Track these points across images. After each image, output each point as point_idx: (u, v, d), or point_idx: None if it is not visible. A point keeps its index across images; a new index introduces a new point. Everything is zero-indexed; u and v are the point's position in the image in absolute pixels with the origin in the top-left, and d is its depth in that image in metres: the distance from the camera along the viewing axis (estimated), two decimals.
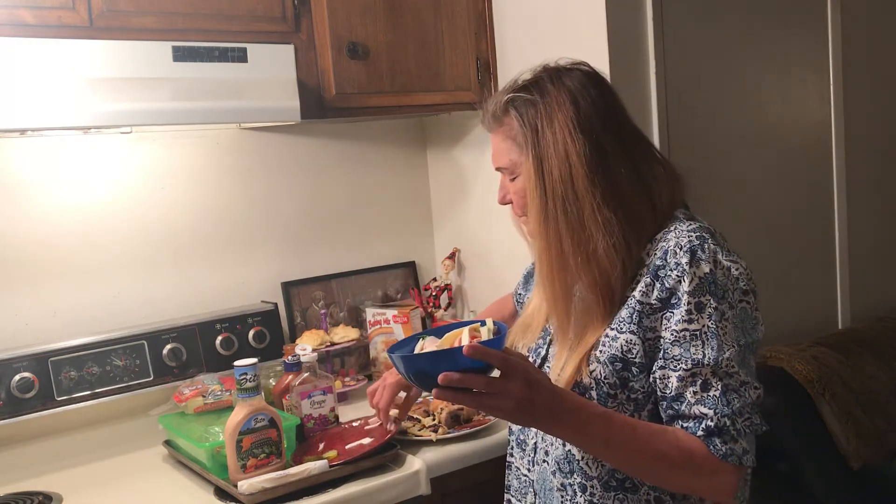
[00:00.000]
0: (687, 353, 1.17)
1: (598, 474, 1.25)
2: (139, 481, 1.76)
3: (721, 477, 1.17)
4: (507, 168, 1.34)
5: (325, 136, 2.41)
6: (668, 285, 1.19)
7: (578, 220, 1.23)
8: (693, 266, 1.18)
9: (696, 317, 1.17)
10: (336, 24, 2.00)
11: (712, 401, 1.16)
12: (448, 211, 2.58)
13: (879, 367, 2.35)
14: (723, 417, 1.15)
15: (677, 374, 1.18)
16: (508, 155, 1.32)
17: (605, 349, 1.23)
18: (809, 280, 2.57)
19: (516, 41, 2.22)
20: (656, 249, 1.23)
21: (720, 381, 1.16)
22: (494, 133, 1.35)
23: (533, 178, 1.26)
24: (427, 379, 1.07)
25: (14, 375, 1.84)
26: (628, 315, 1.22)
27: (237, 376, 1.59)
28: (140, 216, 2.12)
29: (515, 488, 1.42)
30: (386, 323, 2.31)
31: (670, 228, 1.25)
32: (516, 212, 1.38)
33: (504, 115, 1.32)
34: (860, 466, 2.16)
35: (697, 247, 1.20)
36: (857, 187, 2.63)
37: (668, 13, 2.09)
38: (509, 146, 1.32)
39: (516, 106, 1.30)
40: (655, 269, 1.21)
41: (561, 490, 1.29)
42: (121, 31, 1.72)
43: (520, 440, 1.40)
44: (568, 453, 1.28)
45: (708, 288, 1.18)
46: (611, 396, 1.23)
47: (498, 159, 1.35)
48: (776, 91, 2.45)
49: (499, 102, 1.32)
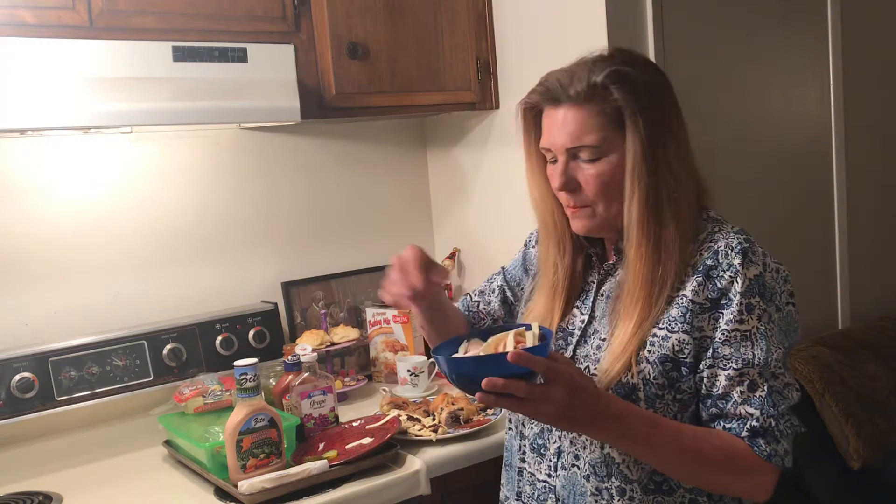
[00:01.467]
0: (737, 352, 1.18)
1: (639, 477, 1.24)
2: (139, 481, 1.76)
3: (762, 477, 1.18)
4: (595, 146, 1.22)
5: (325, 136, 2.41)
6: (720, 285, 1.20)
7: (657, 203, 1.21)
8: (745, 267, 1.19)
9: (746, 317, 1.18)
10: (336, 24, 2.00)
11: (759, 401, 1.17)
12: (448, 211, 2.58)
13: (879, 367, 2.35)
14: (768, 418, 1.16)
15: (726, 372, 1.18)
16: (601, 131, 1.21)
17: (655, 349, 1.21)
18: (809, 280, 2.56)
19: (516, 41, 2.22)
20: (703, 250, 1.23)
21: (766, 382, 1.18)
22: (581, 107, 1.22)
23: (639, 158, 1.20)
24: (470, 382, 1.09)
25: (14, 375, 1.84)
26: (680, 315, 1.21)
27: (237, 376, 1.59)
28: (140, 216, 2.12)
29: (529, 494, 1.37)
30: (386, 323, 2.32)
31: (715, 230, 1.26)
32: (582, 200, 1.27)
33: (602, 90, 1.21)
34: (860, 466, 2.16)
35: (748, 249, 1.21)
36: (857, 187, 2.63)
37: (668, 13, 2.09)
38: (602, 122, 1.21)
39: (622, 80, 1.21)
40: (707, 269, 1.21)
41: (595, 494, 1.26)
42: (121, 31, 1.72)
43: (536, 445, 1.36)
44: (606, 456, 1.25)
45: (758, 290, 1.19)
46: (658, 397, 1.22)
47: (579, 137, 1.22)
48: (776, 91, 2.45)
49: (594, 75, 1.21)
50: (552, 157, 1.28)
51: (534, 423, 1.36)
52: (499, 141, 2.33)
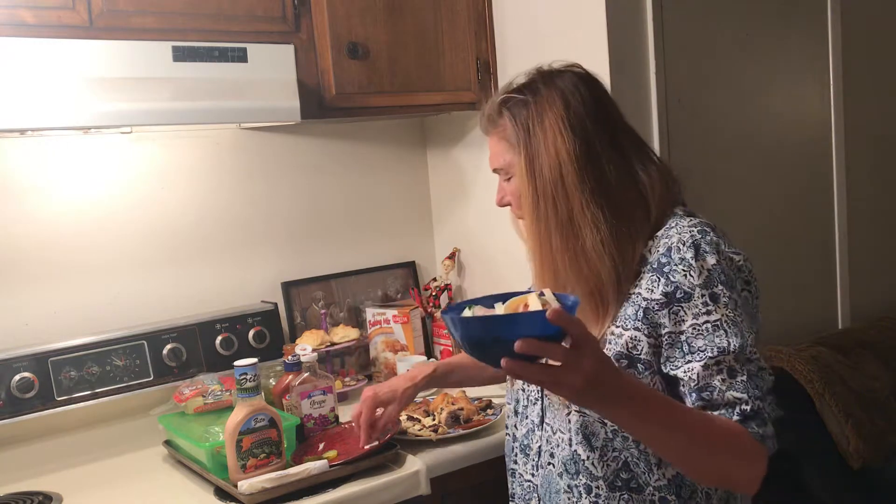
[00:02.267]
0: (711, 342, 1.18)
1: (604, 474, 1.25)
2: (139, 481, 1.76)
3: (759, 462, 1.17)
4: (503, 168, 1.37)
5: (325, 136, 2.41)
6: (673, 279, 1.21)
7: (568, 218, 1.25)
8: (699, 259, 1.20)
9: (713, 307, 1.19)
10: (336, 24, 2.00)
11: (742, 386, 1.18)
12: (448, 211, 2.58)
13: (879, 367, 2.35)
14: (756, 401, 1.17)
15: (700, 363, 1.18)
16: (504, 156, 1.35)
17: (611, 346, 1.24)
18: (809, 280, 2.56)
19: (516, 41, 2.22)
20: (658, 246, 1.25)
21: (744, 366, 1.18)
22: (490, 135, 1.38)
23: (525, 177, 1.29)
24: (499, 346, 0.95)
25: (14, 375, 1.84)
26: (633, 312, 1.23)
27: (237, 376, 1.59)
28: (140, 216, 2.12)
29: (519, 495, 1.40)
30: (386, 323, 2.32)
31: (671, 225, 1.27)
32: (514, 212, 1.40)
33: (499, 117, 1.34)
34: (860, 466, 2.16)
35: (700, 240, 1.22)
36: (857, 188, 2.63)
37: (668, 13, 2.09)
38: (504, 147, 1.35)
39: (509, 107, 1.33)
40: (660, 265, 1.22)
41: (568, 492, 1.29)
42: (121, 31, 1.72)
43: (524, 445, 1.39)
44: (574, 454, 1.27)
45: (718, 278, 1.20)
46: None
47: (494, 161, 1.38)
48: (776, 91, 2.45)
49: (493, 105, 1.36)
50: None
51: (522, 424, 1.38)
52: None
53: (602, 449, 1.26)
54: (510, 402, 1.44)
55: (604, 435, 1.25)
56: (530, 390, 1.38)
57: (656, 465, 1.24)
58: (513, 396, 1.43)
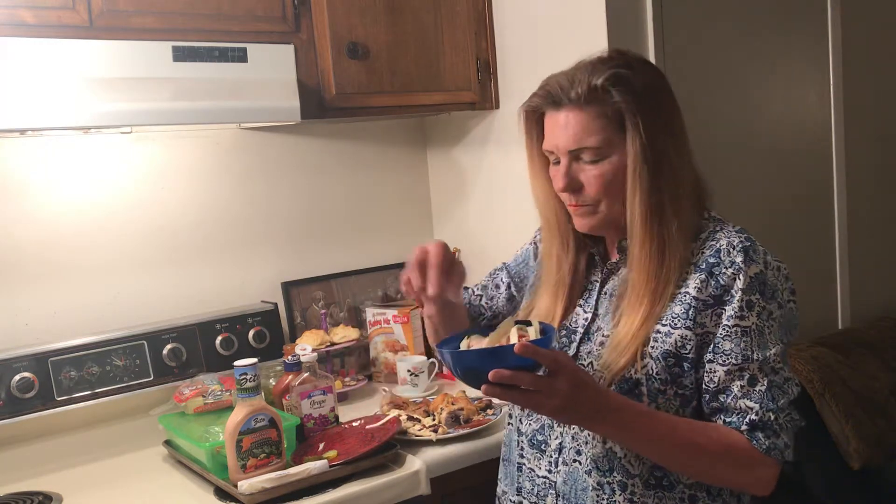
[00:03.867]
0: (737, 347, 1.20)
1: (640, 472, 1.25)
2: (139, 481, 1.76)
3: (762, 470, 1.20)
4: (596, 148, 1.24)
5: (325, 136, 2.41)
6: (722, 282, 1.21)
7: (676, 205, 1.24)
8: (747, 265, 1.21)
9: (746, 314, 1.20)
10: (336, 24, 2.00)
11: (758, 395, 1.19)
12: (448, 211, 2.58)
13: (879, 367, 2.35)
14: (767, 412, 1.19)
15: (725, 367, 1.20)
16: (603, 133, 1.23)
17: (658, 345, 1.23)
18: (809, 280, 2.56)
19: (516, 41, 2.22)
20: (704, 248, 1.25)
21: (766, 376, 1.20)
22: (581, 109, 1.24)
23: (639, 159, 1.22)
24: (477, 375, 1.10)
25: (14, 375, 1.84)
26: (683, 311, 1.23)
27: (237, 376, 1.59)
28: (140, 216, 2.12)
29: (528, 490, 1.38)
30: (386, 323, 2.31)
31: (716, 229, 1.28)
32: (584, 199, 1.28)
33: (602, 92, 1.23)
34: (860, 466, 2.16)
35: (750, 247, 1.23)
36: (857, 187, 2.63)
37: (668, 13, 2.09)
38: (603, 124, 1.23)
39: (622, 82, 1.22)
40: (710, 266, 1.23)
41: (597, 489, 1.27)
42: (121, 31, 1.72)
43: (536, 441, 1.37)
44: (608, 451, 1.27)
45: (758, 287, 1.21)
46: (660, 392, 1.23)
47: (582, 139, 1.24)
48: (776, 91, 2.45)
49: (594, 77, 1.23)
50: (555, 158, 1.30)
51: (532, 419, 1.38)
52: (499, 141, 2.33)
53: None
54: None
55: None
56: None
57: None
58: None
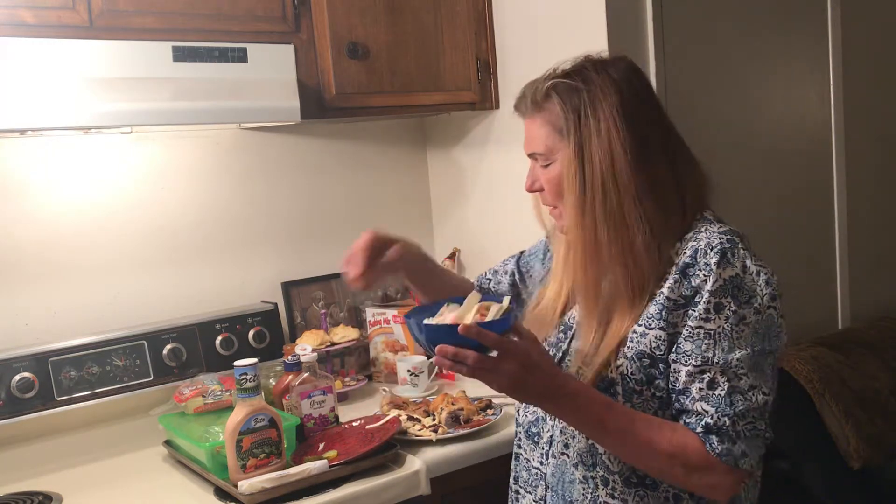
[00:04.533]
0: (698, 349, 1.19)
1: (619, 469, 1.26)
2: (139, 481, 1.76)
3: (715, 476, 1.18)
4: (543, 154, 1.31)
5: (325, 136, 2.41)
6: (694, 283, 1.21)
7: (618, 211, 1.23)
8: (721, 267, 1.19)
9: (713, 316, 1.19)
10: (336, 24, 2.00)
11: (716, 399, 1.18)
12: (448, 211, 2.58)
13: (879, 367, 2.35)
14: (723, 417, 1.17)
15: (686, 368, 1.20)
16: (545, 140, 1.29)
17: (633, 345, 1.24)
18: (809, 280, 2.56)
19: (516, 41, 2.22)
20: (685, 248, 1.24)
21: (728, 381, 1.18)
22: (531, 118, 1.32)
23: (573, 165, 1.25)
24: (429, 347, 1.15)
25: (14, 375, 1.83)
26: (657, 311, 1.22)
27: (237, 376, 1.59)
28: (140, 216, 2.12)
29: (524, 480, 1.40)
30: (386, 323, 2.31)
31: (700, 229, 1.26)
32: (546, 201, 1.35)
33: (545, 101, 1.29)
34: (860, 466, 2.16)
35: (728, 249, 1.21)
36: (857, 187, 2.63)
37: (668, 13, 2.09)
38: (548, 132, 1.29)
39: (559, 91, 1.27)
40: (684, 266, 1.22)
41: (583, 483, 1.28)
42: (121, 31, 1.72)
43: (531, 432, 1.39)
44: (591, 446, 1.27)
45: (731, 291, 1.19)
46: (636, 392, 1.23)
47: (533, 145, 1.32)
48: (776, 91, 2.45)
49: (540, 87, 1.29)
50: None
51: (528, 411, 1.40)
52: (499, 141, 2.33)
53: None
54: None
55: None
56: None
57: None
58: None
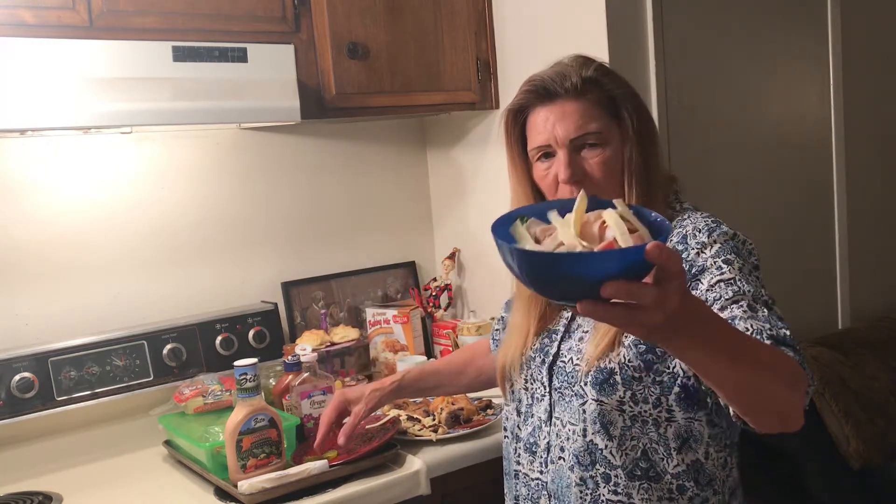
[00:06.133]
0: (726, 292, 1.15)
1: (623, 463, 1.25)
2: (139, 481, 1.76)
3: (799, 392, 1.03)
4: (598, 132, 1.28)
5: (325, 136, 2.41)
6: (688, 259, 1.22)
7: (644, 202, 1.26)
8: (711, 237, 1.22)
9: (725, 269, 1.18)
10: (336, 24, 2.00)
11: (764, 318, 1.12)
12: (448, 211, 2.58)
13: (879, 367, 2.35)
14: (780, 329, 1.10)
15: (719, 303, 1.14)
16: (602, 119, 1.28)
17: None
18: (809, 280, 2.56)
19: (516, 41, 2.22)
20: (672, 236, 1.26)
21: (763, 307, 1.14)
22: (578, 99, 1.28)
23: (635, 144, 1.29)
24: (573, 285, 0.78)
25: (14, 375, 1.84)
26: None
27: (237, 376, 1.59)
28: (140, 216, 2.12)
29: (525, 496, 1.38)
30: (386, 323, 2.32)
31: (684, 217, 1.29)
32: (591, 186, 1.26)
33: (595, 83, 1.29)
34: (860, 466, 2.16)
35: (715, 226, 1.25)
36: (857, 187, 2.63)
37: (668, 13, 2.09)
38: (601, 112, 1.29)
39: (610, 74, 1.32)
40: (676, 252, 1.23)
41: (580, 485, 1.27)
42: (121, 31, 1.72)
43: (529, 444, 1.37)
44: (589, 444, 1.27)
45: (731, 249, 1.21)
46: (636, 380, 1.23)
47: (585, 125, 1.27)
48: (776, 91, 2.45)
49: (585, 70, 1.30)
50: (541, 154, 1.33)
51: (528, 424, 1.38)
52: (499, 141, 2.30)
53: (620, 437, 1.25)
54: (510, 403, 1.43)
55: (622, 423, 1.25)
56: (535, 388, 1.37)
57: (676, 450, 1.24)
58: (514, 398, 1.42)
